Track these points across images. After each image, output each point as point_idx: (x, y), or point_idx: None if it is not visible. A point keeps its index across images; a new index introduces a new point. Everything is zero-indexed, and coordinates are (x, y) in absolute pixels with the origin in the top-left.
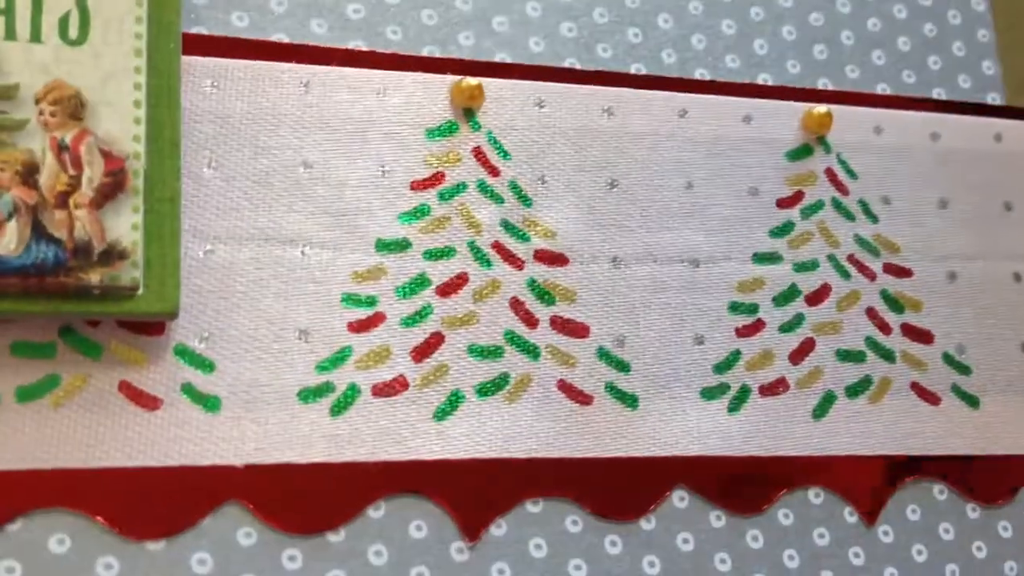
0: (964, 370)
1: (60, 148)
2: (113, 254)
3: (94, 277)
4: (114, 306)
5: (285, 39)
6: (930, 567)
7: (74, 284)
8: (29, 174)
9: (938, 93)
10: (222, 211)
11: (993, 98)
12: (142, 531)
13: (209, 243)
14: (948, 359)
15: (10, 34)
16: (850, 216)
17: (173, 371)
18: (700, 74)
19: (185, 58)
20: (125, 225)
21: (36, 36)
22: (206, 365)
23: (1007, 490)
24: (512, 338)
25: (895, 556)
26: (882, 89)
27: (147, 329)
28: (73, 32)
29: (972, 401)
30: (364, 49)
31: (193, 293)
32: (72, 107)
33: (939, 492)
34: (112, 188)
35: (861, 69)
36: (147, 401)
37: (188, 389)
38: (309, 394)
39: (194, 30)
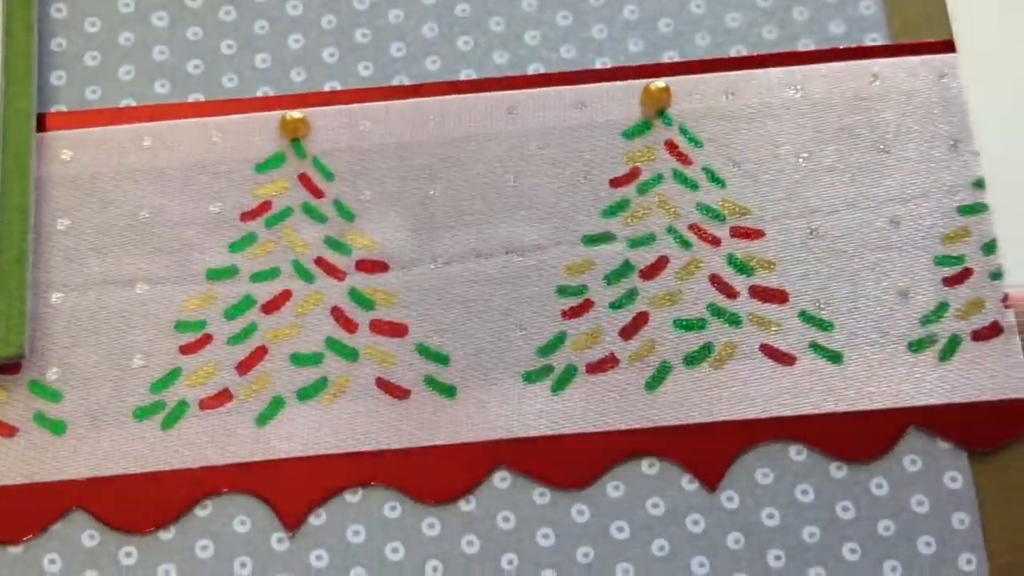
0: (825, 326)
1: None
2: None
3: None
4: None
5: (132, 103)
6: (784, 531)
7: None
8: None
9: (804, 44)
10: (71, 261)
11: (873, 39)
12: (2, 538)
13: (59, 291)
14: (806, 316)
15: None
16: (693, 186)
17: (27, 402)
18: (534, 69)
19: (42, 134)
20: None
21: None
22: (55, 395)
23: (881, 445)
24: (332, 344)
25: (741, 521)
26: (736, 51)
27: (4, 369)
28: None
29: (834, 357)
30: (201, 100)
31: (45, 336)
32: None
33: (796, 453)
34: None
35: (712, 35)
36: (5, 430)
37: (39, 417)
38: (143, 412)
39: (53, 109)
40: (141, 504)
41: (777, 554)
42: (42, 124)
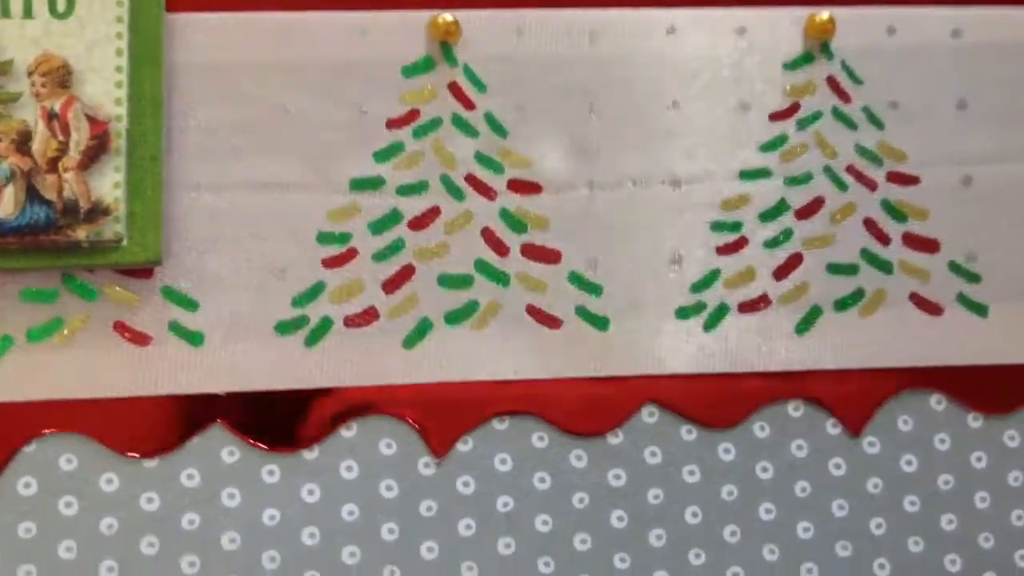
0: (973, 278)
1: (50, 116)
2: (97, 211)
3: (81, 233)
4: (101, 257)
5: None
6: (920, 477)
7: (64, 240)
8: (23, 142)
9: None
10: (205, 160)
11: None
12: (138, 450)
13: (193, 191)
14: (955, 267)
15: (5, 12)
16: (852, 125)
17: (162, 310)
18: None
19: (172, 15)
20: (108, 184)
21: (28, 12)
22: (191, 303)
23: (1016, 399)
24: (482, 266)
25: (880, 467)
26: None
27: (137, 273)
28: (61, 6)
29: (980, 309)
30: None
31: (179, 239)
32: (60, 77)
33: (936, 403)
34: (96, 150)
35: None
36: (139, 338)
37: (175, 326)
38: (285, 326)
39: None
40: (282, 422)
41: (912, 499)
42: (172, 4)
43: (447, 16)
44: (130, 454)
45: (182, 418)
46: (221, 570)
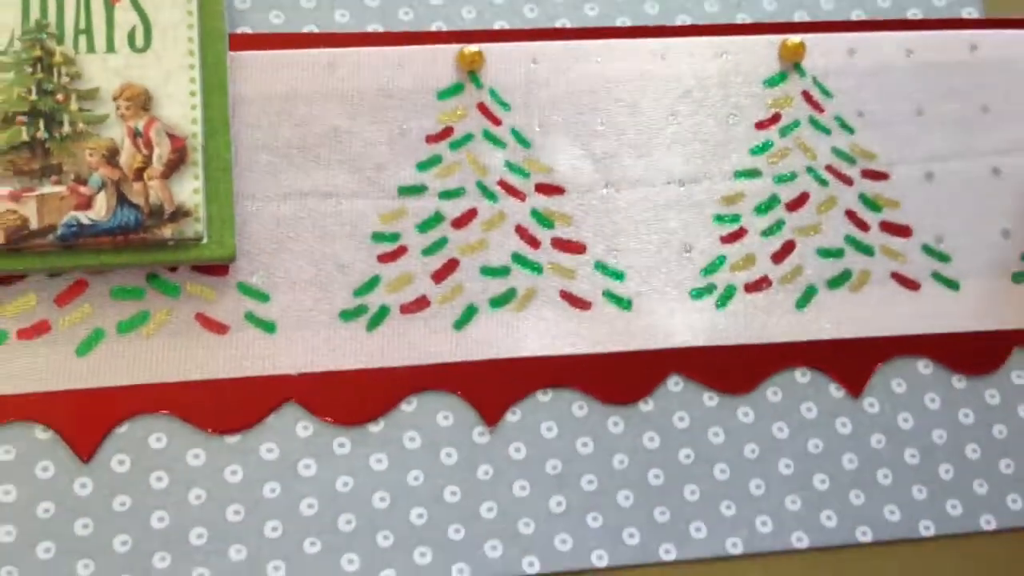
0: (943, 258)
1: (134, 134)
2: (180, 214)
3: (166, 232)
4: (184, 253)
5: (315, 29)
6: (916, 433)
7: (151, 239)
8: (112, 156)
9: (913, 13)
10: (268, 174)
11: (969, 12)
12: (221, 428)
13: (259, 201)
14: (927, 249)
15: (90, 48)
16: (826, 131)
17: (237, 303)
18: (681, 20)
19: (235, 53)
20: (188, 190)
21: (110, 48)
22: (263, 296)
23: (992, 361)
24: (518, 258)
25: (881, 424)
26: (856, 15)
27: (214, 271)
28: (139, 42)
29: (952, 285)
30: (381, 31)
31: (249, 240)
32: (142, 101)
33: (923, 367)
34: (177, 162)
35: (836, 0)
36: (218, 328)
37: (250, 316)
38: (348, 314)
39: (240, 30)
40: (350, 399)
41: (912, 452)
42: (235, 44)
43: (472, 48)
44: (214, 431)
45: (260, 398)
46: (301, 533)
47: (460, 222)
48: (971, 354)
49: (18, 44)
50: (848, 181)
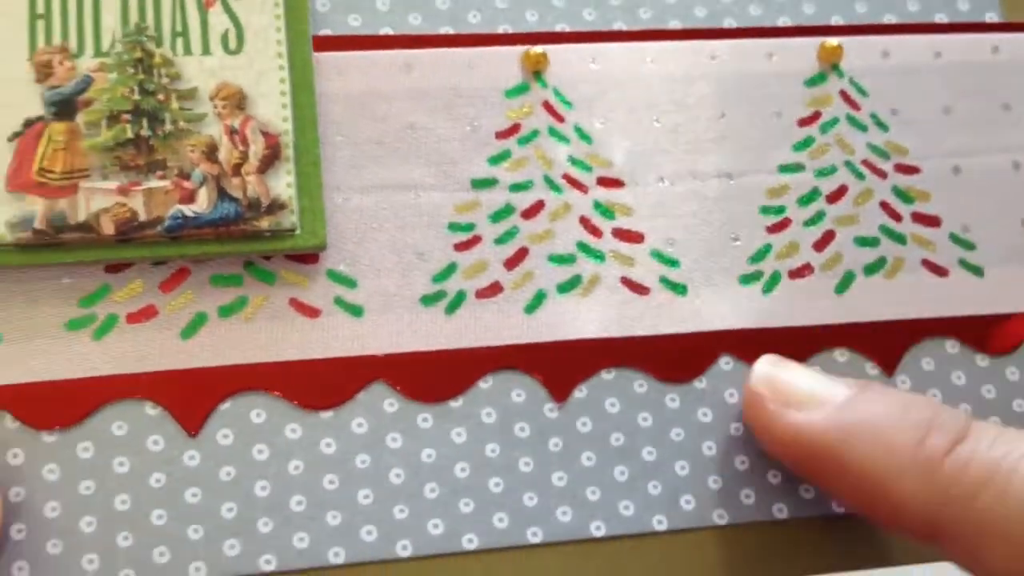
0: (969, 246)
1: (231, 132)
2: (276, 206)
3: (264, 224)
4: (279, 243)
5: (390, 31)
6: (947, 405)
7: (250, 230)
8: (211, 153)
9: (939, 17)
10: (352, 168)
11: (991, 16)
12: (316, 404)
13: (344, 193)
14: (954, 238)
15: (187, 50)
16: (863, 128)
17: (327, 289)
18: (728, 23)
19: (317, 54)
20: (282, 184)
21: (206, 50)
22: (350, 282)
23: (1013, 342)
24: (582, 247)
25: None
26: (888, 19)
27: (306, 259)
28: (232, 44)
29: (977, 271)
30: (452, 33)
31: (336, 231)
32: (237, 100)
33: (951, 347)
34: (271, 158)
35: (869, 4)
36: (310, 312)
37: (339, 301)
38: (428, 299)
39: (321, 32)
40: (431, 377)
41: None
42: (318, 46)
43: (537, 49)
44: (309, 408)
45: (350, 377)
46: (391, 500)
47: (529, 213)
48: (993, 335)
49: (119, 46)
50: (882, 175)
